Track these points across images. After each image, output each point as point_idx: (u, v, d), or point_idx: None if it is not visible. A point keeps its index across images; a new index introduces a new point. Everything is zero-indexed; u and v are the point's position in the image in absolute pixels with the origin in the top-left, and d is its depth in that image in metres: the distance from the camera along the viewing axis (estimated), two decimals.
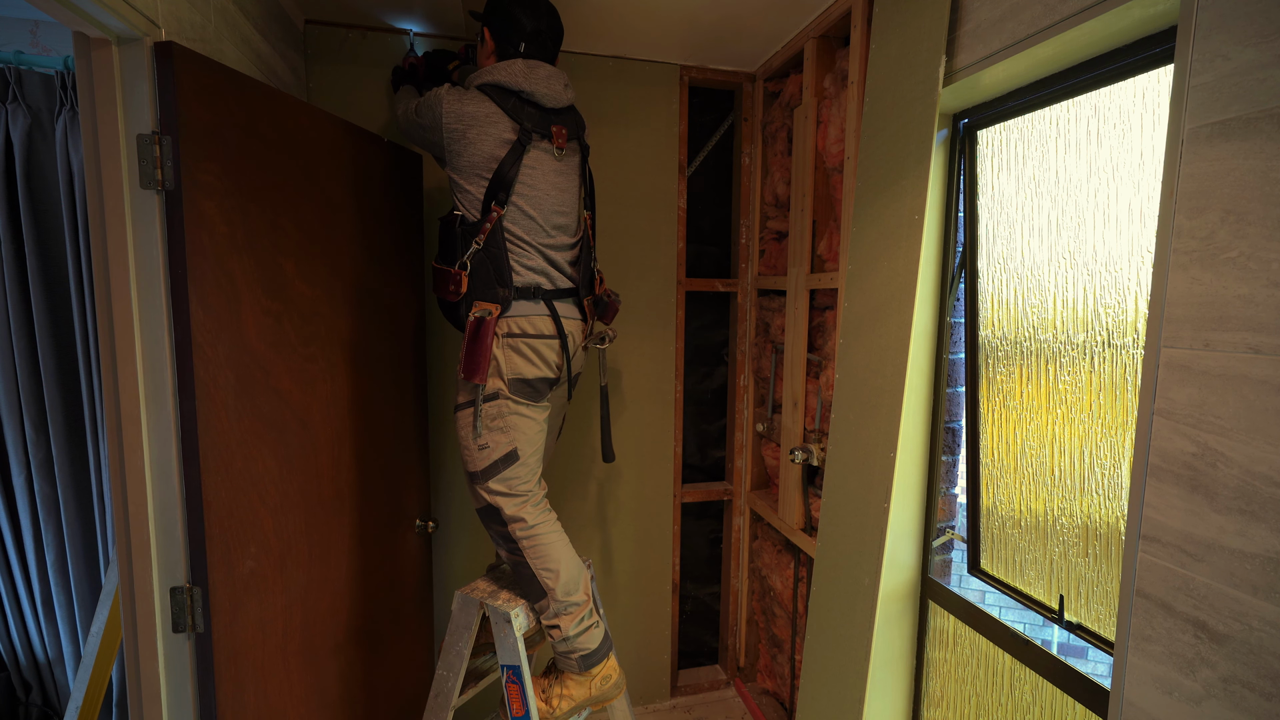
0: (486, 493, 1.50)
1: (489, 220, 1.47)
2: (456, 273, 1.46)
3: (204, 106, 1.11)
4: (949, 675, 1.50)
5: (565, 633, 1.52)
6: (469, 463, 1.51)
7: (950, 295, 1.46)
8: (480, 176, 1.47)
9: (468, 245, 1.47)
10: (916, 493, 1.50)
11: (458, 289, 1.47)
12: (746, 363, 2.40)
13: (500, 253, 1.49)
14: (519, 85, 1.50)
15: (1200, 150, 0.85)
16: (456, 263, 1.47)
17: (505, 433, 1.49)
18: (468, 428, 1.50)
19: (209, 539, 1.14)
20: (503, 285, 1.50)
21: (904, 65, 1.43)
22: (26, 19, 1.92)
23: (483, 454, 1.49)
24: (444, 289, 1.49)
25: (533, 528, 1.52)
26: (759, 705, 2.29)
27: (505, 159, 1.47)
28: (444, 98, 1.48)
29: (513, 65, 1.51)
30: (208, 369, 1.13)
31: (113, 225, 1.06)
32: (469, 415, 1.50)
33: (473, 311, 1.45)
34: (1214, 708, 0.84)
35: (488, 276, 1.48)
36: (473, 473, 1.51)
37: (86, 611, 1.85)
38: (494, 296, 1.49)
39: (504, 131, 1.48)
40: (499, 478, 1.49)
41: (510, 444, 1.50)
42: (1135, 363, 1.07)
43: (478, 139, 1.46)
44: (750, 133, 2.31)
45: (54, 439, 1.76)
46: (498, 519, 1.51)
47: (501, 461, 1.49)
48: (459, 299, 1.47)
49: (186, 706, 1.15)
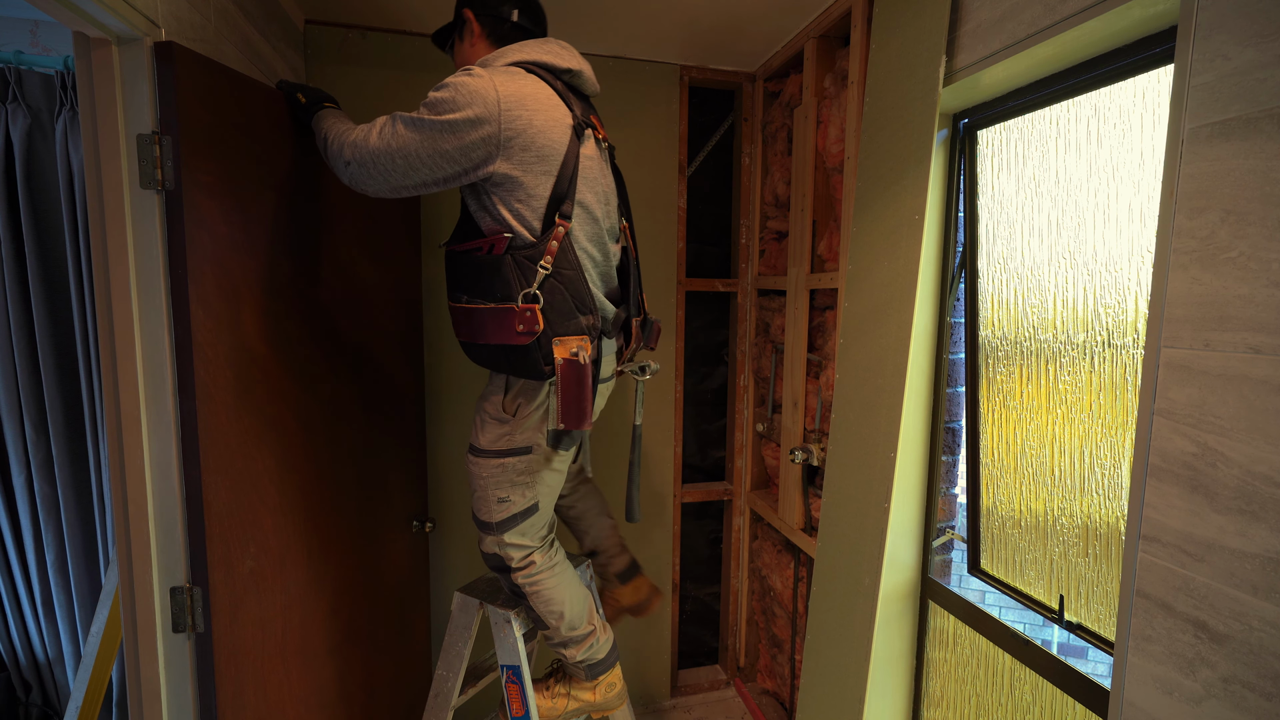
0: (498, 545, 1.37)
1: (554, 237, 1.19)
2: (525, 308, 1.18)
3: (204, 107, 1.12)
4: (949, 675, 1.50)
5: (574, 657, 1.49)
6: (482, 512, 1.36)
7: (950, 295, 1.46)
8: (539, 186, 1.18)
9: (530, 272, 1.18)
10: (916, 493, 1.50)
11: (530, 327, 1.18)
12: (746, 363, 2.40)
13: (575, 273, 1.22)
14: (567, 64, 1.24)
15: (1200, 150, 0.85)
16: (521, 294, 1.18)
17: (531, 487, 1.33)
18: (488, 479, 1.32)
19: (209, 539, 1.14)
20: (586, 312, 1.24)
21: (904, 65, 1.43)
22: (26, 19, 1.92)
23: (501, 507, 1.33)
24: (502, 331, 1.20)
25: (539, 574, 1.40)
26: (759, 705, 2.29)
27: (567, 156, 1.20)
28: (491, 77, 1.13)
29: (546, 42, 1.25)
30: (208, 369, 1.13)
31: (113, 225, 1.06)
32: (493, 466, 1.30)
33: (557, 350, 1.20)
34: (1214, 708, 0.84)
35: (565, 305, 1.21)
36: (486, 523, 1.36)
37: (86, 611, 1.85)
38: (579, 328, 1.23)
39: (565, 118, 1.20)
40: (516, 530, 1.35)
41: (533, 499, 1.34)
42: (1135, 363, 1.07)
43: (543, 130, 1.16)
44: (750, 133, 2.31)
45: (54, 439, 1.76)
46: (504, 567, 1.40)
47: (521, 515, 1.35)
48: (532, 339, 1.19)
49: (186, 706, 1.15)
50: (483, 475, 1.33)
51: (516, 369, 1.25)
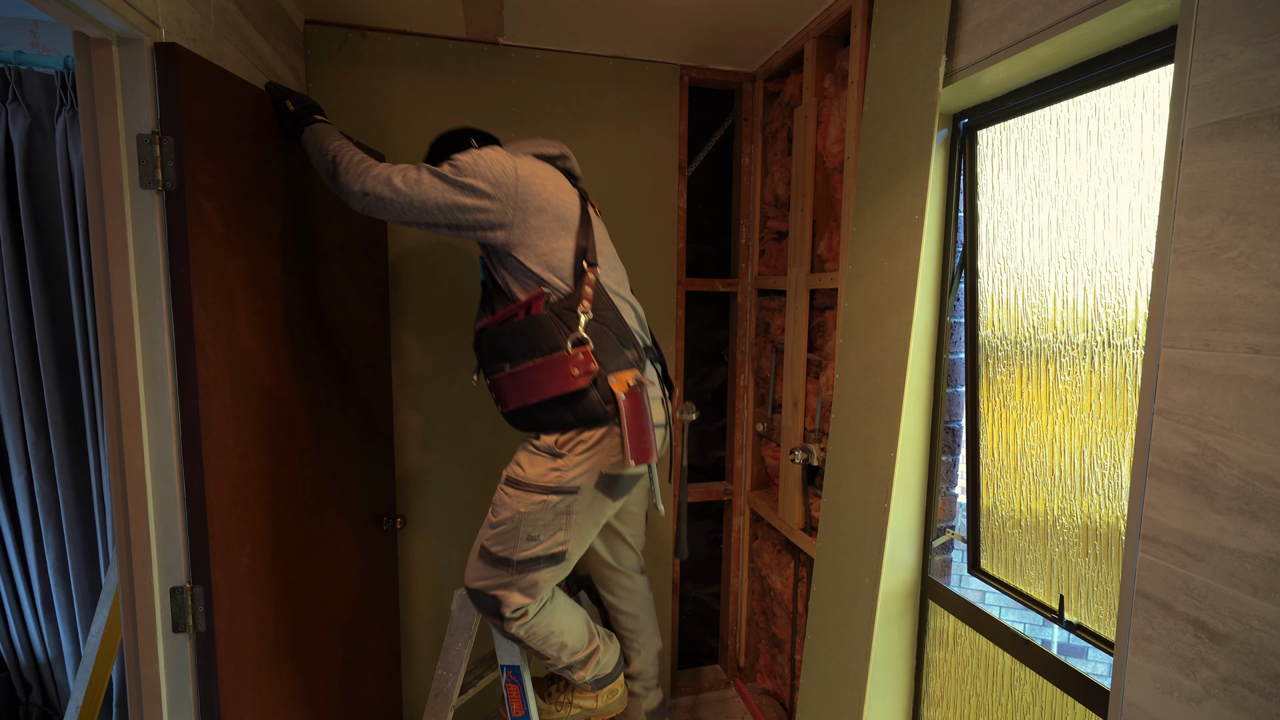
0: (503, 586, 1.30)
1: (586, 283, 1.26)
2: (577, 351, 1.23)
3: (202, 108, 1.12)
4: (949, 675, 1.50)
5: (583, 678, 1.46)
6: (504, 547, 1.29)
7: (950, 295, 1.46)
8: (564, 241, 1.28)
9: (572, 319, 1.25)
10: (916, 493, 1.50)
11: (585, 368, 1.22)
12: (746, 363, 2.40)
13: (613, 314, 1.29)
14: (557, 150, 1.40)
15: (1200, 150, 0.85)
16: (570, 340, 1.23)
17: (565, 530, 1.29)
18: (524, 514, 1.27)
19: (211, 537, 1.14)
20: (630, 346, 1.30)
21: (904, 65, 1.43)
22: (26, 19, 1.92)
23: (528, 545, 1.28)
24: (558, 380, 1.23)
25: (531, 620, 1.34)
26: (759, 705, 2.29)
27: (580, 216, 1.32)
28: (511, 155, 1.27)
29: (533, 139, 1.40)
30: (209, 368, 1.13)
31: (113, 225, 1.06)
32: (534, 501, 1.27)
33: (614, 386, 1.24)
34: (1214, 708, 0.84)
35: (611, 343, 1.27)
36: (504, 559, 1.29)
37: (86, 611, 1.85)
38: (627, 361, 1.28)
39: (572, 189, 1.35)
40: (532, 575, 1.30)
41: (564, 544, 1.30)
42: (1135, 363, 1.07)
43: (556, 194, 1.29)
44: (750, 133, 2.31)
45: (54, 439, 1.76)
46: (497, 613, 1.32)
47: (545, 559, 1.29)
48: (590, 379, 1.22)
49: (186, 706, 1.15)
50: (519, 508, 1.28)
51: (580, 415, 1.26)
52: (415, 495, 2.11)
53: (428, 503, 2.13)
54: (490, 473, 2.16)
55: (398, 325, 2.03)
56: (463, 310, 2.07)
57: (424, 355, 2.07)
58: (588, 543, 1.36)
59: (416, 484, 2.11)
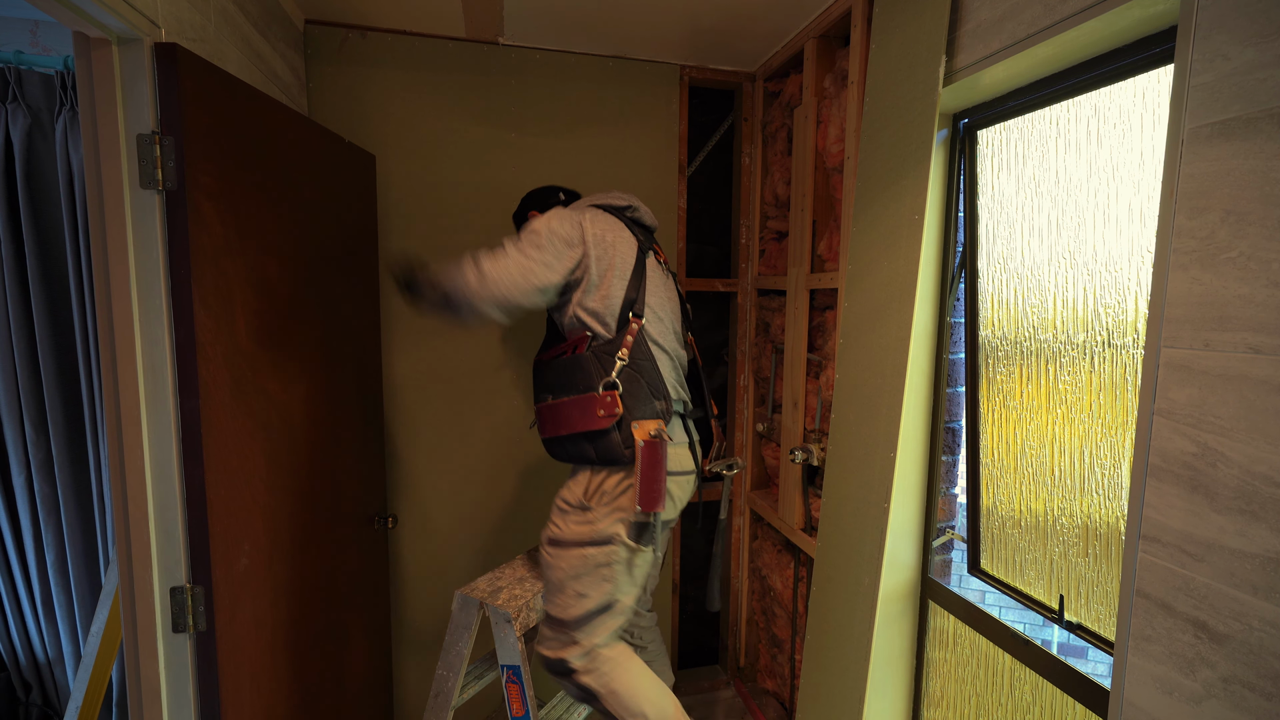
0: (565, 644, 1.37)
1: (629, 332, 1.36)
2: (606, 394, 1.32)
3: (201, 108, 1.12)
4: (949, 675, 1.50)
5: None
6: (558, 608, 1.37)
7: (950, 295, 1.46)
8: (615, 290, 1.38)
9: (609, 363, 1.35)
10: (916, 493, 1.50)
11: (610, 411, 1.32)
12: (746, 363, 2.40)
13: (649, 364, 1.38)
14: (625, 201, 1.50)
15: (1200, 150, 0.85)
16: (601, 383, 1.33)
17: (610, 581, 1.35)
18: (568, 571, 1.35)
19: (212, 537, 1.14)
20: (659, 397, 1.38)
21: (904, 65, 1.43)
22: (26, 19, 1.92)
23: (578, 603, 1.35)
24: (585, 418, 1.33)
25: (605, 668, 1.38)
26: (759, 705, 2.29)
27: (636, 267, 1.42)
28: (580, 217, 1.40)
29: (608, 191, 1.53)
30: (209, 368, 1.13)
31: (113, 225, 1.06)
32: (574, 558, 1.34)
33: (636, 433, 1.32)
34: (1214, 708, 0.84)
35: (641, 391, 1.35)
36: (561, 620, 1.37)
37: (86, 611, 1.85)
38: (654, 412, 1.36)
39: (632, 239, 1.45)
40: (588, 628, 1.36)
41: (612, 594, 1.35)
42: (1135, 363, 1.07)
43: (613, 245, 1.40)
44: (750, 133, 2.31)
45: (54, 439, 1.76)
46: (566, 670, 1.39)
47: (597, 611, 1.36)
48: (613, 421, 1.32)
49: (187, 706, 1.15)
50: (562, 567, 1.36)
51: (600, 453, 1.36)
52: (406, 495, 2.11)
53: (418, 502, 2.13)
54: (481, 473, 2.17)
55: (389, 326, 2.03)
56: None
57: (414, 356, 2.07)
58: (637, 590, 1.42)
59: (408, 484, 2.11)
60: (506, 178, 2.08)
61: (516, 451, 2.20)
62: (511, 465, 2.20)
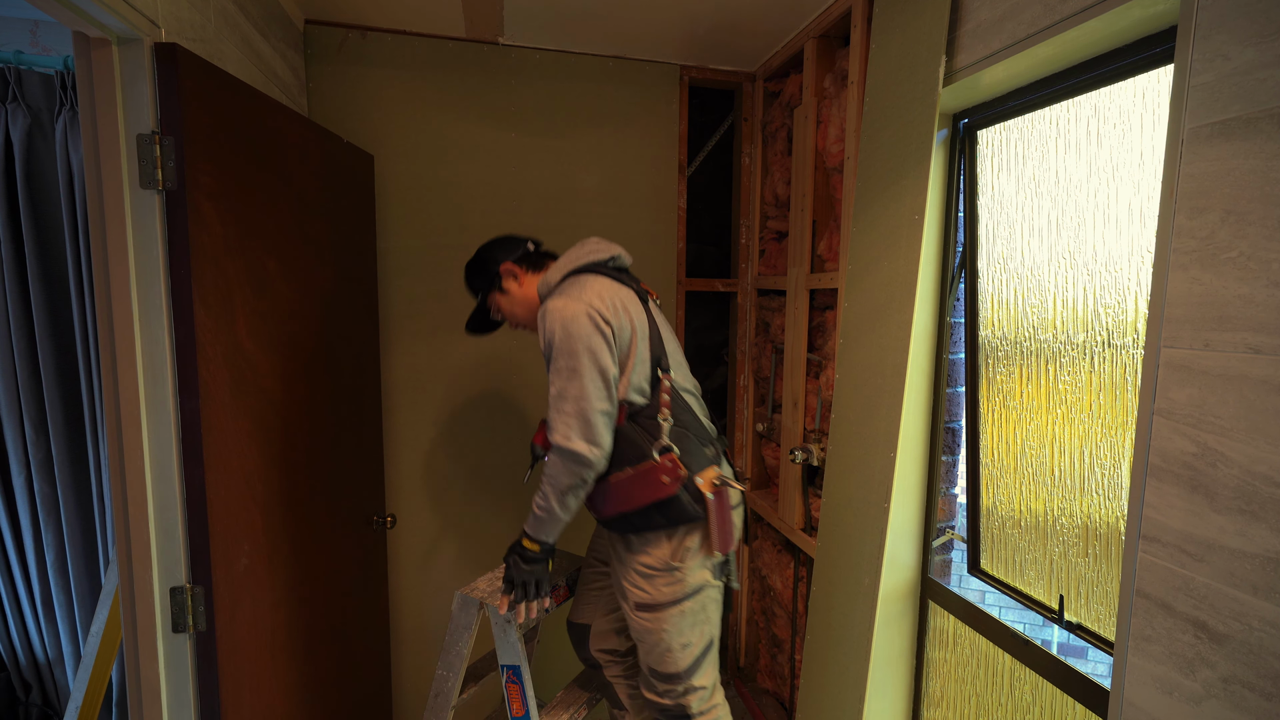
0: (684, 693, 1.36)
1: (663, 390, 1.31)
2: (663, 461, 1.27)
3: (201, 108, 1.12)
4: (949, 675, 1.50)
5: None
6: (666, 664, 1.36)
7: (950, 295, 1.46)
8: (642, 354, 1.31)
9: (655, 428, 1.29)
10: (916, 493, 1.50)
11: (674, 475, 1.27)
12: (746, 363, 2.40)
13: (690, 415, 1.35)
14: (607, 253, 1.40)
15: (1200, 150, 0.85)
16: (655, 449, 1.28)
17: (706, 623, 1.37)
18: (670, 629, 1.34)
19: (212, 537, 1.14)
20: (707, 443, 1.36)
21: (904, 65, 1.43)
22: (26, 19, 1.92)
23: (686, 653, 1.35)
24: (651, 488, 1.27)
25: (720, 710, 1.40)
26: (759, 705, 2.29)
27: (648, 321, 1.34)
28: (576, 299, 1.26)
29: (581, 245, 1.40)
30: (209, 368, 1.13)
31: (113, 225, 1.06)
32: (673, 616, 1.34)
33: (701, 487, 1.30)
34: (1214, 708, 0.84)
35: (692, 445, 1.32)
36: (673, 674, 1.36)
37: (86, 611, 1.85)
38: (707, 460, 1.34)
39: (632, 294, 1.36)
40: (700, 671, 1.38)
41: (710, 634, 1.39)
42: (1135, 363, 1.07)
43: (627, 308, 1.31)
44: (750, 133, 2.31)
45: (54, 439, 1.76)
46: (685, 716, 1.39)
47: (703, 653, 1.38)
48: (680, 484, 1.27)
49: (187, 706, 1.15)
50: (663, 628, 1.35)
51: (673, 516, 1.31)
52: (405, 495, 2.11)
53: (417, 502, 2.13)
54: (481, 473, 2.17)
55: (386, 326, 2.03)
56: (449, 313, 2.07)
57: (412, 355, 2.07)
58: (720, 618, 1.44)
59: (407, 483, 2.11)
60: (506, 177, 2.08)
61: (517, 451, 2.20)
62: (512, 465, 2.20)
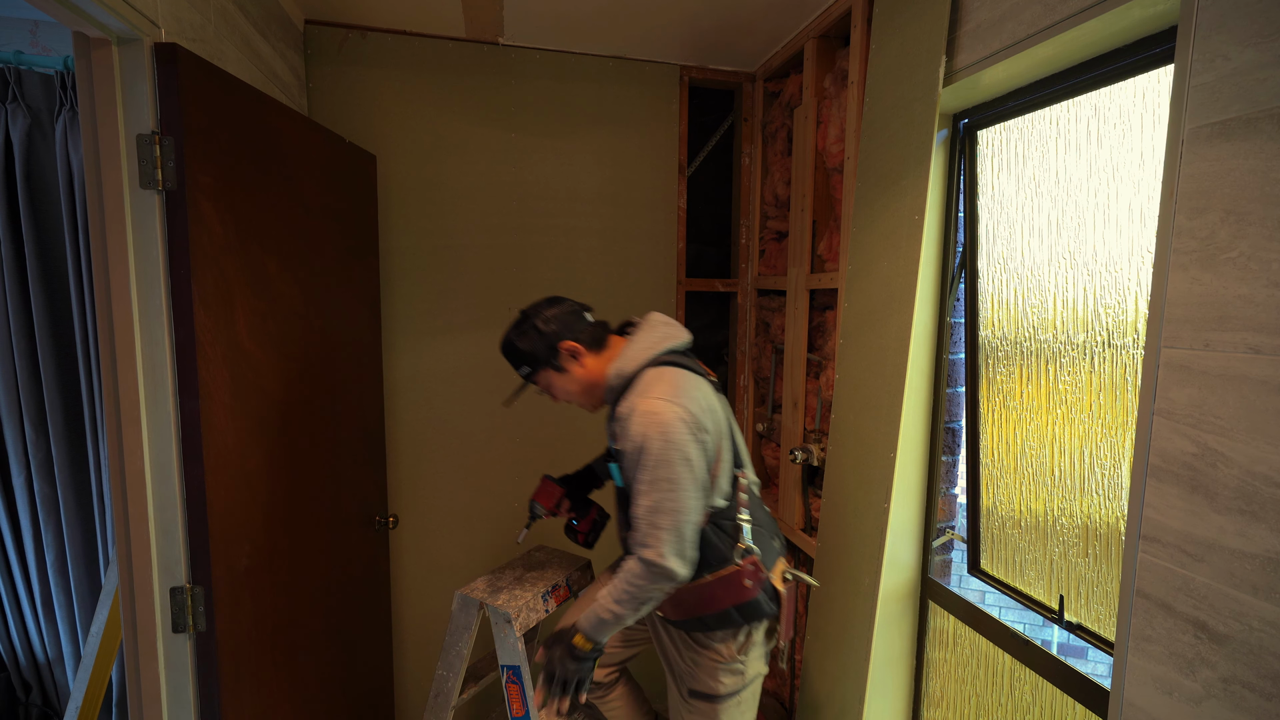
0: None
1: (739, 489, 1.25)
2: (745, 565, 1.23)
3: (201, 108, 1.12)
4: (949, 675, 1.50)
5: None
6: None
7: (950, 295, 1.46)
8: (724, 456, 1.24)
9: (735, 530, 1.24)
10: (916, 493, 1.50)
11: (757, 578, 1.24)
12: (746, 363, 2.40)
13: (764, 514, 1.33)
14: (679, 339, 1.30)
15: (1200, 150, 0.85)
16: (737, 553, 1.23)
17: (754, 701, 1.40)
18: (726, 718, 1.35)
19: (212, 537, 1.14)
20: (775, 536, 1.35)
21: (904, 65, 1.43)
22: (26, 19, 1.92)
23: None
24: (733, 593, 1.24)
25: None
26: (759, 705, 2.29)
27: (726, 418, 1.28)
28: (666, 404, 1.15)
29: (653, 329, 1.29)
30: (209, 368, 1.13)
31: (113, 225, 1.06)
32: (732, 706, 1.35)
33: (775, 583, 1.29)
34: (1214, 708, 0.84)
35: (766, 543, 1.30)
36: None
37: (86, 611, 1.85)
38: (776, 553, 1.33)
39: (709, 387, 1.26)
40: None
41: (755, 711, 1.43)
42: (1135, 363, 1.07)
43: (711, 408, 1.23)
44: (750, 133, 2.31)
45: (54, 439, 1.76)
46: None
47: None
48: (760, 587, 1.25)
49: (186, 706, 1.15)
50: (723, 717, 1.35)
51: (748, 614, 1.28)
52: (407, 495, 2.11)
53: (419, 502, 2.12)
54: (482, 473, 2.16)
55: (389, 326, 2.03)
56: (451, 313, 2.07)
57: (414, 356, 2.07)
58: None
59: (408, 484, 2.11)
60: (507, 177, 2.08)
61: (518, 451, 2.20)
62: (512, 465, 2.20)
